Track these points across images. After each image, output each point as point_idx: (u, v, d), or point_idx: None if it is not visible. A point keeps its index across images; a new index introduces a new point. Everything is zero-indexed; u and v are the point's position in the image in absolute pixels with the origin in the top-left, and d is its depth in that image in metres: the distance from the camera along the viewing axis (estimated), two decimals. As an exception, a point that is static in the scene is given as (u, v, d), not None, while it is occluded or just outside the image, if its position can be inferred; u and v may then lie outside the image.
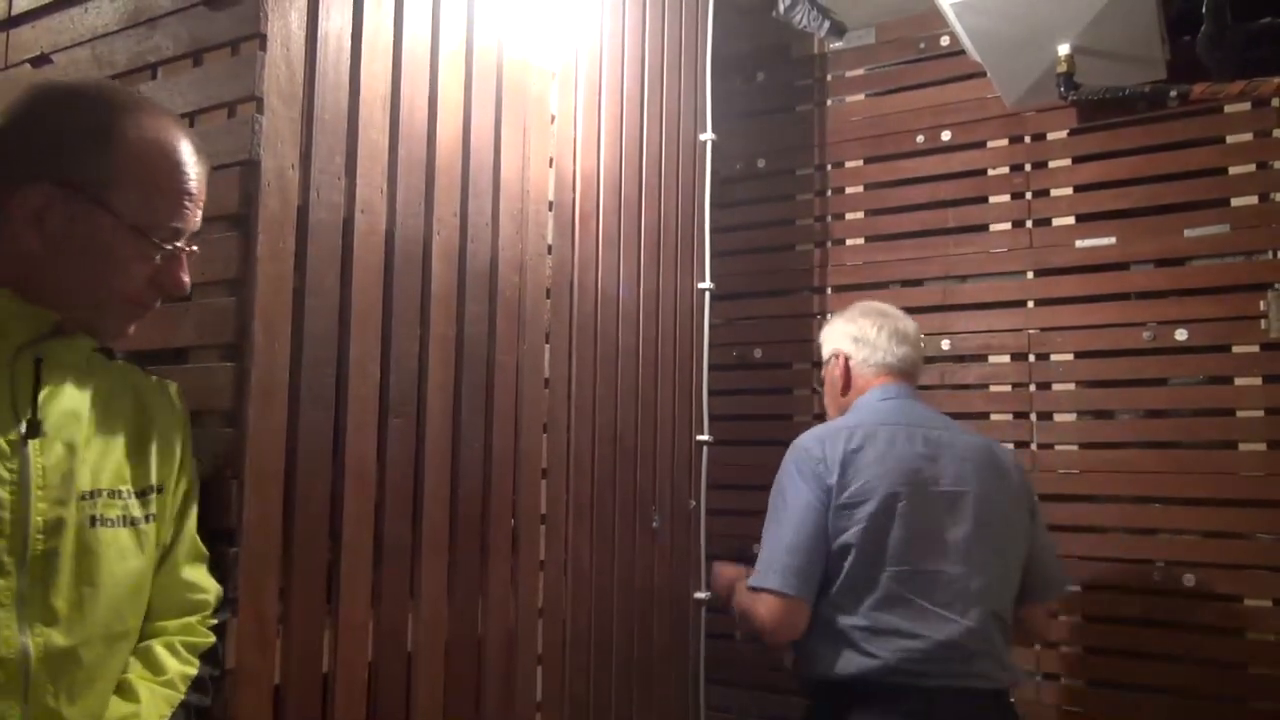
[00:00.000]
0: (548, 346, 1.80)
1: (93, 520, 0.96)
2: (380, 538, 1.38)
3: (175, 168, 0.97)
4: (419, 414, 1.48)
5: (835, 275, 2.93)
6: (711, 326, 2.43)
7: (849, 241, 2.92)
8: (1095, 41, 2.30)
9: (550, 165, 1.83)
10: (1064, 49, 2.33)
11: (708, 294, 2.39)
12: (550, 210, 1.82)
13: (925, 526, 1.81)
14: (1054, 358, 2.59)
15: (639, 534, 2.07)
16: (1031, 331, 2.62)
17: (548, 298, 1.80)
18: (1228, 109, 2.43)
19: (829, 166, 2.97)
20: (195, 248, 1.05)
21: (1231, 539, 2.36)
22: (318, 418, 1.29)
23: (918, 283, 2.82)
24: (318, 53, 1.32)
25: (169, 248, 0.98)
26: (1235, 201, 2.43)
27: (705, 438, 2.35)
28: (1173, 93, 2.34)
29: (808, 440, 1.92)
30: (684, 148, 2.34)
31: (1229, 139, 2.44)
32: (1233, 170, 2.43)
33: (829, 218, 2.96)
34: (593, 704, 1.88)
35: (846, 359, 2.05)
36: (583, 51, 1.94)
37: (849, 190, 2.94)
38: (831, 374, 2.08)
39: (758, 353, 3.01)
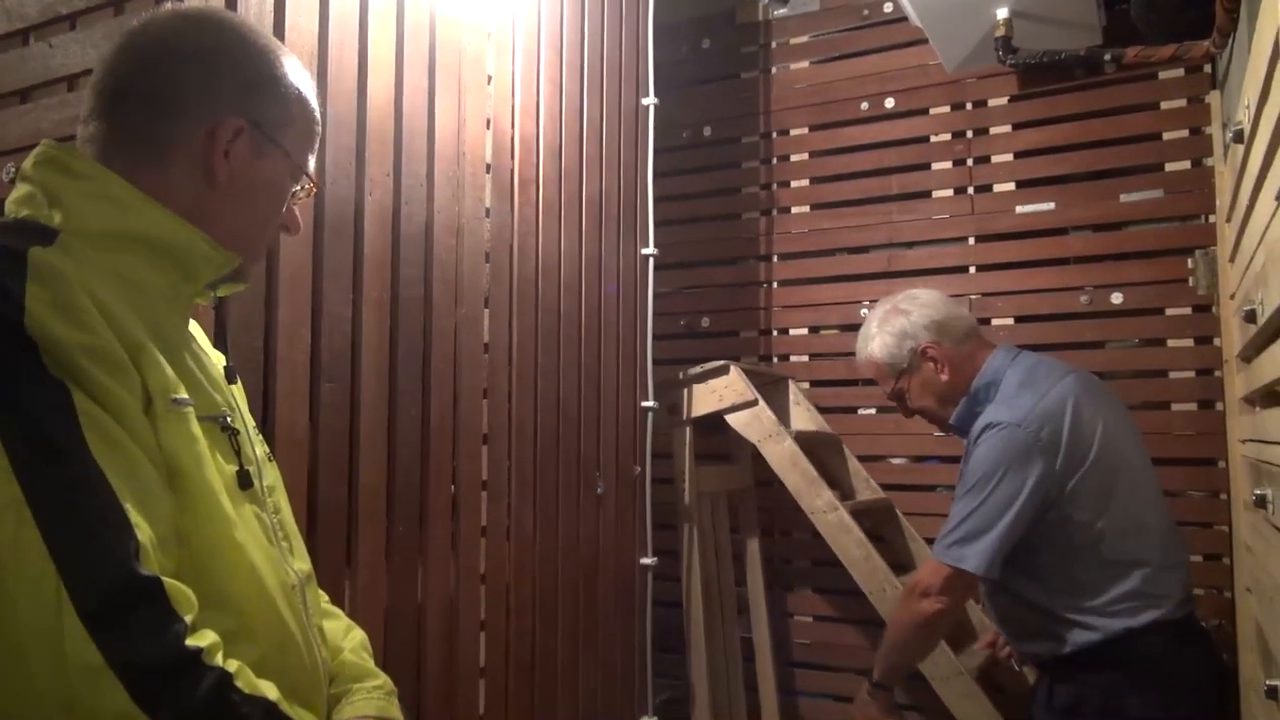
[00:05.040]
0: (487, 311, 1.77)
1: (269, 456, 1.00)
2: (314, 504, 1.36)
3: (315, 114, 0.99)
4: (353, 379, 1.45)
5: (781, 243, 2.93)
6: (659, 295, 2.41)
7: (794, 209, 2.93)
8: (1033, 6, 2.32)
9: (487, 127, 1.79)
10: (1002, 13, 2.35)
11: (651, 260, 2.38)
12: (488, 173, 1.79)
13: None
14: (995, 322, 2.62)
15: (583, 500, 2.07)
16: (973, 296, 2.65)
17: (486, 262, 1.78)
18: (1162, 75, 2.47)
19: (774, 134, 2.97)
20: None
21: (1165, 498, 2.41)
22: (244, 382, 1.26)
23: (863, 250, 2.83)
24: (238, 6, 1.28)
25: (306, 188, 1.00)
26: (1169, 166, 2.47)
27: (650, 404, 2.35)
28: (1107, 56, 2.37)
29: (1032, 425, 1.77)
30: (625, 111, 2.32)
31: (1163, 105, 2.48)
32: (1167, 135, 2.47)
33: (774, 185, 2.96)
34: (538, 669, 1.88)
35: (934, 347, 1.92)
36: (519, 11, 1.90)
37: (794, 158, 2.94)
38: (926, 373, 1.94)
39: (705, 321, 3.02)
